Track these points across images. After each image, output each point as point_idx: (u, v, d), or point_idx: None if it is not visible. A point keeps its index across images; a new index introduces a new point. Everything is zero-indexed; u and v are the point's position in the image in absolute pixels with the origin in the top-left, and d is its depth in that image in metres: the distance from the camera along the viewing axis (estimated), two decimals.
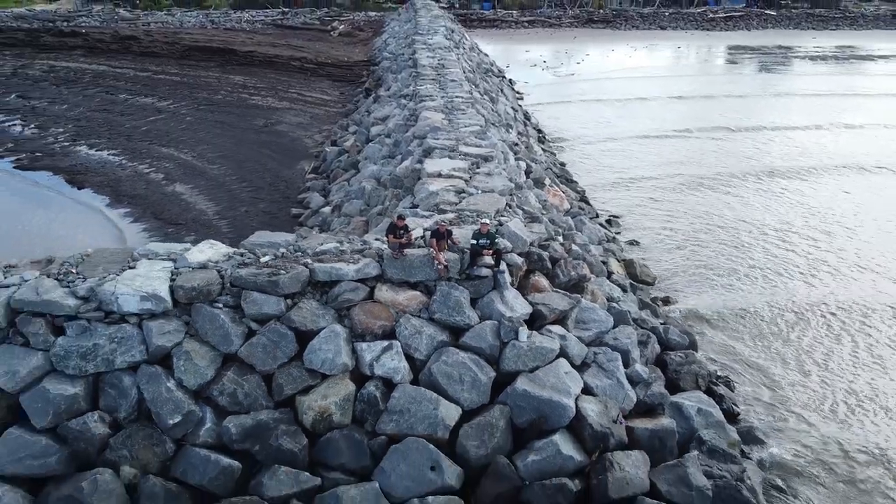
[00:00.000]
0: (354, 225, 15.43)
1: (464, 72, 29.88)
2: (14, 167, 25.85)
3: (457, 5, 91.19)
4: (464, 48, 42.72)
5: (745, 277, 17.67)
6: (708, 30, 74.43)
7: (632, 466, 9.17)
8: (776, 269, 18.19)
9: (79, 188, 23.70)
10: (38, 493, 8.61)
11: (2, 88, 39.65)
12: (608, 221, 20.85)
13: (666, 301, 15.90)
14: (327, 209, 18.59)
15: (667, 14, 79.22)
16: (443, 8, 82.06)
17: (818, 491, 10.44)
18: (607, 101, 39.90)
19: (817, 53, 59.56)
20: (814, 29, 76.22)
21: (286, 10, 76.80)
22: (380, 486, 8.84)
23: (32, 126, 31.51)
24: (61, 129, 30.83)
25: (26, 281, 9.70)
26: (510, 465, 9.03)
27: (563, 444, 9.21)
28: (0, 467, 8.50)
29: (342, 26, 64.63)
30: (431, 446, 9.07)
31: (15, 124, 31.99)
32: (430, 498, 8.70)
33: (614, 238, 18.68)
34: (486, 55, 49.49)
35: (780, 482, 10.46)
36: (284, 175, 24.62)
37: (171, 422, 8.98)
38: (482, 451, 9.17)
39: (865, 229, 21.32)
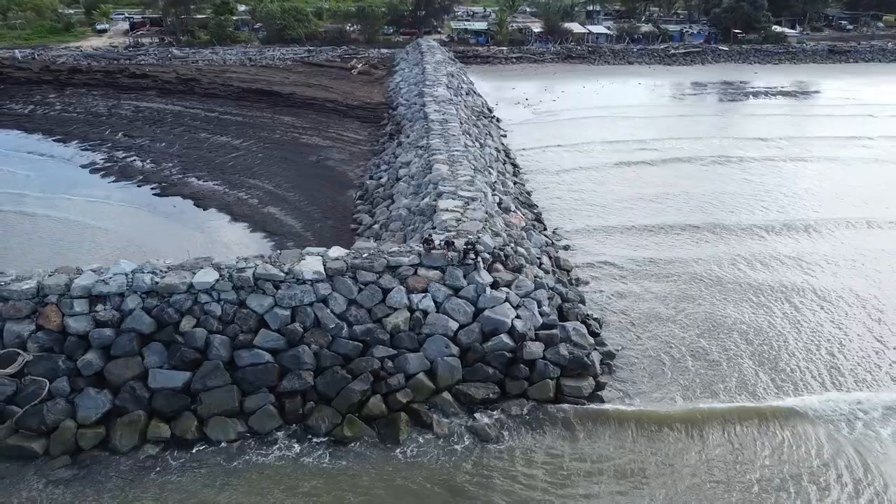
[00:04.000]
0: (397, 238, 26.11)
1: (461, 123, 40.58)
2: (154, 194, 36.56)
3: (455, 38, 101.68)
4: (462, 95, 53.39)
5: (629, 261, 28.40)
6: (668, 64, 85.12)
7: (535, 347, 19.82)
8: (648, 260, 28.86)
9: (204, 209, 34.46)
10: (276, 355, 19.22)
11: (106, 127, 50.11)
12: (553, 232, 31.53)
13: (578, 280, 26.59)
14: (376, 226, 29.23)
15: (634, 50, 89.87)
16: (443, 43, 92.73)
17: (629, 367, 21.16)
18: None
19: (751, 90, 70.28)
20: (759, 63, 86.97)
21: (311, 48, 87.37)
22: (423, 354, 19.52)
23: (148, 161, 42.00)
24: (171, 164, 41.28)
25: (257, 265, 20.35)
26: (481, 346, 19.72)
27: (504, 338, 19.84)
28: (261, 345, 19.15)
29: (360, 65, 75.15)
30: (446, 338, 19.72)
31: (134, 160, 42.45)
32: (446, 358, 19.38)
33: (552, 243, 29.33)
34: (479, 96, 60.19)
35: (610, 362, 21.15)
36: (340, 201, 35.23)
37: (330, 326, 19.62)
38: (468, 341, 19.81)
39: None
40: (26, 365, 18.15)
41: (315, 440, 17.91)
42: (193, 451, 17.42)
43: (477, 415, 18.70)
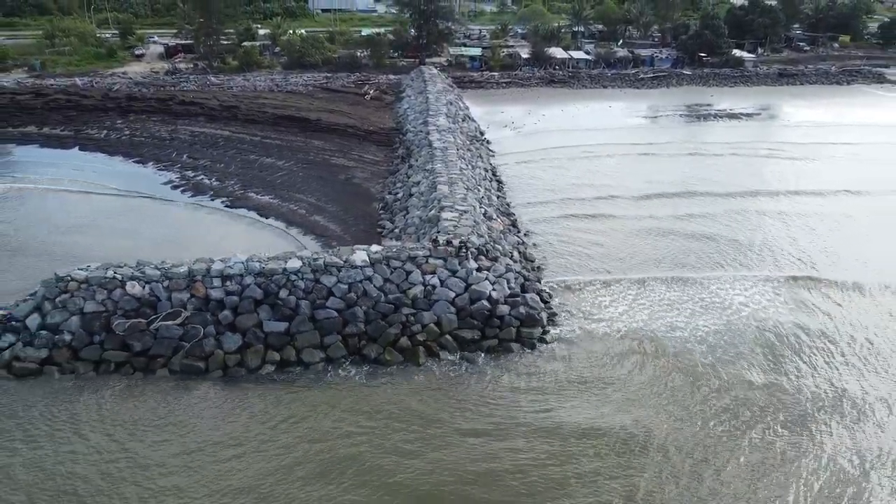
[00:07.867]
0: (413, 238, 36.39)
1: (457, 149, 50.82)
2: (225, 206, 46.67)
3: (454, 63, 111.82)
4: (458, 121, 63.65)
5: (579, 253, 38.73)
6: (638, 88, 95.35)
7: (504, 308, 30.08)
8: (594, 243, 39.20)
9: (266, 218, 44.61)
10: (340, 312, 29.45)
11: (171, 150, 59.98)
12: (525, 234, 41.80)
13: (539, 268, 36.89)
14: (396, 230, 39.49)
15: (609, 74, 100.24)
16: (442, 68, 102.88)
17: (569, 322, 31.46)
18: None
19: (704, 112, 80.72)
20: (717, 86, 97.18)
21: (329, 74, 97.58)
22: (433, 312, 29.80)
23: (214, 179, 52.02)
24: (232, 182, 51.19)
25: (325, 256, 30.60)
26: (469, 307, 29.98)
27: (485, 303, 30.08)
28: (331, 306, 29.41)
29: (372, 91, 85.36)
30: (447, 302, 29.95)
31: (203, 178, 52.45)
32: (447, 314, 29.65)
33: (523, 242, 39.68)
34: (473, 120, 70.43)
35: (554, 319, 31.46)
36: (367, 211, 45.35)
37: (374, 295, 29.86)
38: (461, 304, 30.07)
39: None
40: (187, 318, 28.42)
41: (367, 364, 28.20)
42: (294, 369, 27.71)
43: (466, 349, 29.03)
